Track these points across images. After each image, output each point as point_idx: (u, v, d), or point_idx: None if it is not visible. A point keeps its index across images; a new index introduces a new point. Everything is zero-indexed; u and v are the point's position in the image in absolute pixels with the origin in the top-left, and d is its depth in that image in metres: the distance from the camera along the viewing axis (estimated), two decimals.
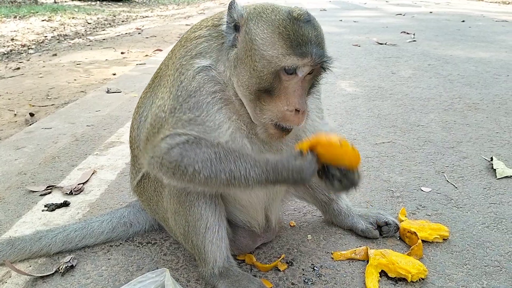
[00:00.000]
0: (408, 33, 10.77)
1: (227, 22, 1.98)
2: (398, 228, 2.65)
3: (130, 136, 2.49)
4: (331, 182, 1.98)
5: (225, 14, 2.01)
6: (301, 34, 1.84)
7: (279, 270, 2.40)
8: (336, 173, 1.96)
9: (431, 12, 16.24)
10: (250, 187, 1.95)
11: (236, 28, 1.98)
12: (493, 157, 3.66)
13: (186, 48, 2.09)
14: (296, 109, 1.92)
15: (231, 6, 1.96)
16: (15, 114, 5.75)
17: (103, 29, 15.65)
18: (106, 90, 6.37)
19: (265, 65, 1.87)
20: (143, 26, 15.60)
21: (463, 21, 13.23)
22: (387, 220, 2.65)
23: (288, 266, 2.44)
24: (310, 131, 2.23)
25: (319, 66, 1.95)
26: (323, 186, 2.11)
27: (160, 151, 1.97)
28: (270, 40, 1.86)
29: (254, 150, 2.08)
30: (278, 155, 1.99)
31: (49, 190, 3.37)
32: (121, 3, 27.08)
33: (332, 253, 2.54)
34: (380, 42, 9.67)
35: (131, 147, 2.50)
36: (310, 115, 2.20)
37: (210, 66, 2.02)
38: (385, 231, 2.65)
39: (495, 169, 3.50)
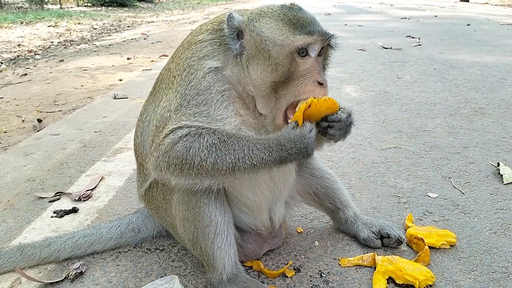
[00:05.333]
0: (413, 37, 10.78)
1: (228, 32, 2.07)
2: (400, 242, 2.63)
3: (134, 144, 2.51)
4: (327, 133, 2.11)
5: (225, 26, 2.09)
6: (301, 17, 2.02)
7: (287, 277, 2.41)
8: (324, 124, 2.09)
9: (436, 16, 16.24)
10: (256, 168, 1.97)
11: (239, 36, 2.07)
12: (500, 162, 3.66)
13: (192, 50, 2.14)
14: (318, 81, 2.00)
15: (229, 18, 2.06)
16: (23, 120, 5.80)
17: (109, 34, 15.76)
18: (113, 96, 6.41)
19: (279, 51, 1.97)
20: (148, 31, 15.69)
21: (468, 24, 13.22)
22: (389, 232, 2.64)
23: (295, 272, 2.45)
24: None
25: (327, 44, 2.09)
26: (325, 140, 2.25)
27: (164, 148, 1.99)
28: (276, 27, 2.00)
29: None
30: (277, 132, 2.04)
31: (58, 197, 3.40)
32: (127, 8, 27.26)
33: (339, 260, 2.55)
34: (385, 47, 9.69)
35: (135, 154, 2.52)
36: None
37: (220, 68, 2.09)
38: (385, 243, 2.66)
39: (502, 175, 3.50)
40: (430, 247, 2.54)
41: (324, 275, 2.42)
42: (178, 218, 2.32)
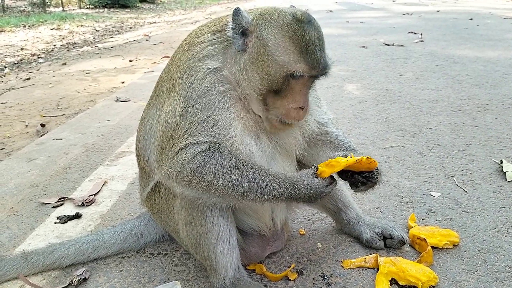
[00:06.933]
0: (415, 33, 10.73)
1: (233, 28, 2.05)
2: (403, 243, 2.63)
3: (136, 148, 2.52)
4: (358, 187, 2.22)
5: (230, 20, 2.08)
6: (308, 40, 1.98)
7: (290, 280, 2.41)
8: (359, 178, 2.19)
9: (438, 11, 16.15)
10: (264, 201, 2.05)
11: (244, 33, 2.05)
12: (503, 160, 3.65)
13: (192, 52, 2.15)
14: (300, 107, 2.07)
15: (237, 13, 2.03)
16: (27, 125, 5.83)
17: (111, 36, 15.80)
18: (115, 99, 6.43)
19: (277, 70, 1.99)
20: (150, 33, 15.70)
21: (471, 19, 13.13)
22: (392, 233, 2.65)
23: (298, 275, 2.45)
24: (311, 121, 2.37)
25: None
26: (351, 189, 2.29)
27: (181, 160, 2.02)
28: (282, 45, 1.98)
29: (262, 145, 2.19)
30: (296, 173, 2.11)
31: (61, 202, 3.42)
32: (128, 10, 27.31)
33: (342, 261, 2.54)
34: (388, 43, 9.65)
35: (138, 159, 2.53)
36: (310, 105, 2.25)
37: (219, 68, 2.10)
38: (388, 244, 2.65)
39: (505, 172, 3.48)
40: (433, 247, 2.54)
41: (327, 278, 2.42)
42: (181, 223, 2.33)
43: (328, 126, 2.46)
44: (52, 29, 16.98)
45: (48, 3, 27.43)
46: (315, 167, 2.09)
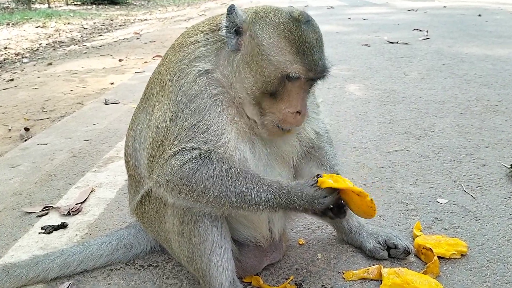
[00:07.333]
0: (420, 30, 10.76)
1: (226, 26, 2.06)
2: (408, 253, 2.62)
3: (125, 154, 2.52)
4: (341, 214, 2.21)
5: (224, 18, 2.08)
6: (305, 40, 1.97)
7: None
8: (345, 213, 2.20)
9: (445, 7, 16.21)
10: (258, 211, 2.05)
11: (238, 32, 2.06)
12: None
13: (183, 53, 2.16)
14: (297, 112, 2.05)
15: (231, 11, 2.04)
16: (10, 129, 5.82)
17: (100, 34, 15.81)
18: (104, 101, 6.43)
19: (272, 71, 1.98)
20: (141, 30, 15.73)
21: (479, 15, 13.18)
22: (396, 242, 2.64)
23: None
24: (308, 128, 2.37)
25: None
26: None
27: (170, 168, 2.03)
28: (277, 45, 1.97)
29: (257, 152, 2.19)
30: (293, 182, 2.11)
31: (46, 211, 3.41)
32: (118, 6, 27.36)
33: (343, 273, 2.54)
34: (391, 41, 9.68)
35: (127, 166, 2.53)
36: (308, 111, 2.25)
37: (211, 70, 2.11)
38: (392, 254, 2.65)
39: None
40: (439, 258, 2.53)
41: None
42: (172, 233, 2.32)
43: (322, 140, 2.48)
44: (37, 27, 16.98)
45: (33, 0, 27.42)
46: (317, 176, 2.08)
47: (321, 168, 2.44)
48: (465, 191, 3.37)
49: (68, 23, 18.26)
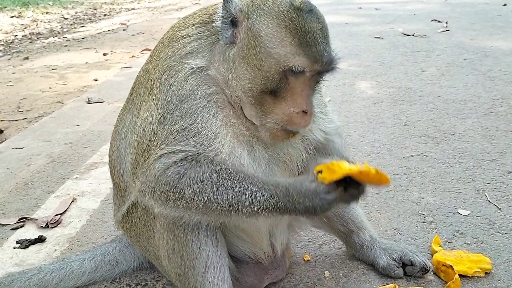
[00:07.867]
0: (439, 21, 10.79)
1: (222, 17, 2.04)
2: (426, 270, 2.62)
3: (109, 160, 2.52)
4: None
5: (219, 8, 2.07)
6: (308, 30, 1.95)
7: None
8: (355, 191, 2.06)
9: None
10: (255, 215, 2.01)
11: (233, 23, 2.04)
12: None
13: (173, 48, 2.14)
14: (303, 111, 2.02)
15: (226, 0, 2.01)
16: None
17: (82, 25, 15.83)
18: (87, 100, 6.44)
19: (272, 64, 1.96)
20: (128, 21, 15.75)
21: (505, 4, 13.21)
22: (412, 259, 2.63)
23: None
24: (315, 129, 2.33)
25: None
26: None
27: (153, 173, 2.01)
28: (277, 35, 1.95)
29: (257, 157, 2.16)
30: (291, 178, 2.06)
31: (22, 223, 3.41)
32: None
33: None
34: (407, 33, 9.69)
35: (111, 173, 2.53)
36: (314, 111, 2.24)
37: (204, 67, 2.09)
38: (408, 272, 2.64)
39: None
40: (461, 276, 2.53)
41: None
42: (163, 248, 2.32)
43: (331, 133, 2.44)
44: (12, 16, 17.00)
45: None
46: (316, 172, 1.99)
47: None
48: (489, 201, 3.37)
49: (47, 13, 18.28)
